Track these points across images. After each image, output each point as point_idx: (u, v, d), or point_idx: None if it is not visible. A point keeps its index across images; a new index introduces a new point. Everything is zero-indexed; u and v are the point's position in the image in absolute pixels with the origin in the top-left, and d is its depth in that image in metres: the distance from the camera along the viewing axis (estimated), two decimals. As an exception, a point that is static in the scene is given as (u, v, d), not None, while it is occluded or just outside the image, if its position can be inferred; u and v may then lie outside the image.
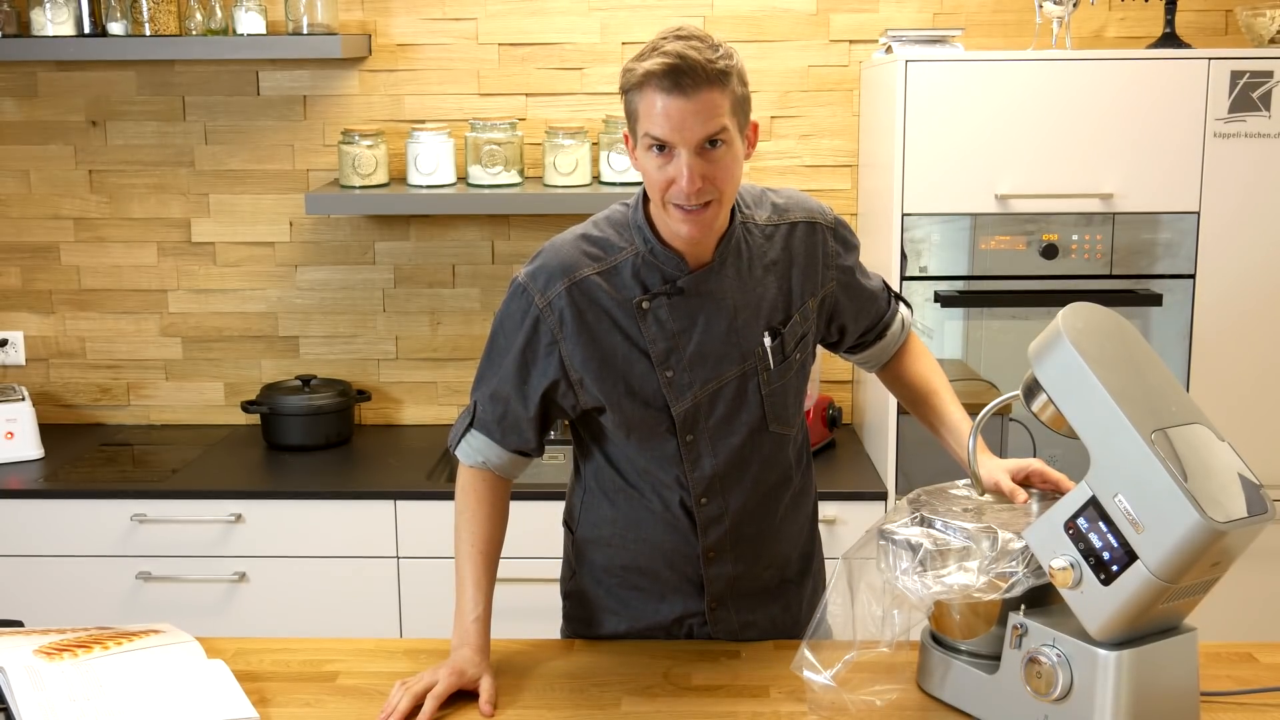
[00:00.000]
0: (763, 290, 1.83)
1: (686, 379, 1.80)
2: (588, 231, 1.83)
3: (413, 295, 3.49)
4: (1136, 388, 1.56)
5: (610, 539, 1.95)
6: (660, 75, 1.62)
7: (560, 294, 1.78)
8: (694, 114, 1.63)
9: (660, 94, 1.63)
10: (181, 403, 3.57)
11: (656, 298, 1.78)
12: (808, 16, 3.32)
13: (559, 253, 1.81)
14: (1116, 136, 2.86)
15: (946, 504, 1.77)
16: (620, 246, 1.80)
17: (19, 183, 3.47)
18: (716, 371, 1.81)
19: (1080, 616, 1.56)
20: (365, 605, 3.01)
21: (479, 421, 1.88)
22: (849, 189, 3.40)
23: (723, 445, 1.85)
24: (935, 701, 1.74)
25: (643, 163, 1.71)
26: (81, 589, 3.02)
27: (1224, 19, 3.29)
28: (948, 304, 2.94)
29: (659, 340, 1.79)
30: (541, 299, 1.79)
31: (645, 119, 1.66)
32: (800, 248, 1.86)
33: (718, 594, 1.93)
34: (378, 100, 3.40)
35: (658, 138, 1.65)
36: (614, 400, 1.81)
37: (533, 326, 1.81)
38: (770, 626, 1.98)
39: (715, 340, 1.80)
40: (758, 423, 1.85)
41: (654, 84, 1.63)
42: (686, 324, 1.79)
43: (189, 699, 1.71)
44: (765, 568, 1.95)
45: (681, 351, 1.80)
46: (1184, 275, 2.93)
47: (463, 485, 1.92)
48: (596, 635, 2.00)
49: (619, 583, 1.97)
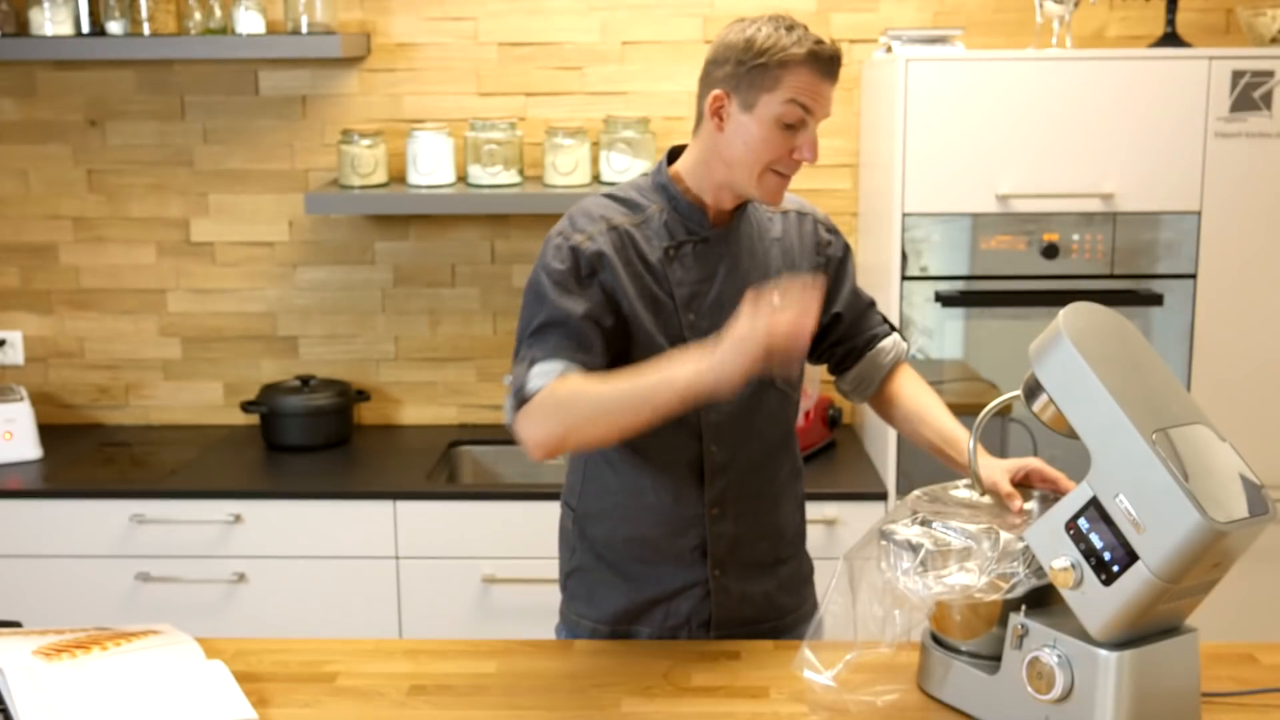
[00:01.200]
0: (770, 259, 1.97)
1: (706, 324, 1.90)
2: (612, 194, 1.95)
3: (412, 295, 3.49)
4: (1137, 388, 1.56)
5: (612, 510, 1.98)
6: (826, 59, 1.81)
7: (600, 232, 1.88)
8: (830, 99, 1.85)
9: (818, 74, 1.81)
10: (180, 403, 3.57)
11: (683, 245, 1.91)
12: (808, 16, 3.31)
13: (589, 208, 1.92)
14: (1117, 136, 2.85)
15: (947, 504, 1.77)
16: (645, 205, 1.93)
17: (18, 182, 3.47)
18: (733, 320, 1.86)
19: (1081, 617, 1.56)
20: (364, 606, 3.00)
21: (539, 358, 1.81)
22: (849, 189, 3.40)
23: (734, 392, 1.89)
24: (936, 702, 1.74)
25: (761, 133, 1.81)
26: (80, 589, 3.01)
27: (1225, 18, 3.28)
28: (948, 304, 2.94)
29: (684, 285, 1.90)
30: (582, 237, 1.88)
31: (794, 90, 1.80)
32: (795, 232, 2.02)
33: (720, 558, 1.97)
34: (377, 100, 3.40)
35: (808, 109, 1.81)
36: (641, 340, 1.88)
37: (574, 259, 1.86)
38: (766, 603, 2.02)
39: (734, 291, 1.90)
40: (765, 376, 1.94)
41: (815, 63, 1.80)
42: (709, 272, 1.92)
43: (188, 700, 1.71)
44: (762, 536, 2.00)
45: (703, 298, 1.91)
46: (1185, 275, 2.92)
47: (549, 408, 1.76)
48: (598, 614, 2.02)
49: (620, 556, 1.99)
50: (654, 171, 1.96)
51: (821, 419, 3.26)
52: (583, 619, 2.04)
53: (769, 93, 1.80)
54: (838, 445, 3.31)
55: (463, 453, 3.38)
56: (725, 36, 1.84)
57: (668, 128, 3.36)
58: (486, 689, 1.81)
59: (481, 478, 3.40)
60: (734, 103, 1.83)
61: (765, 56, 1.79)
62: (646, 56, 3.35)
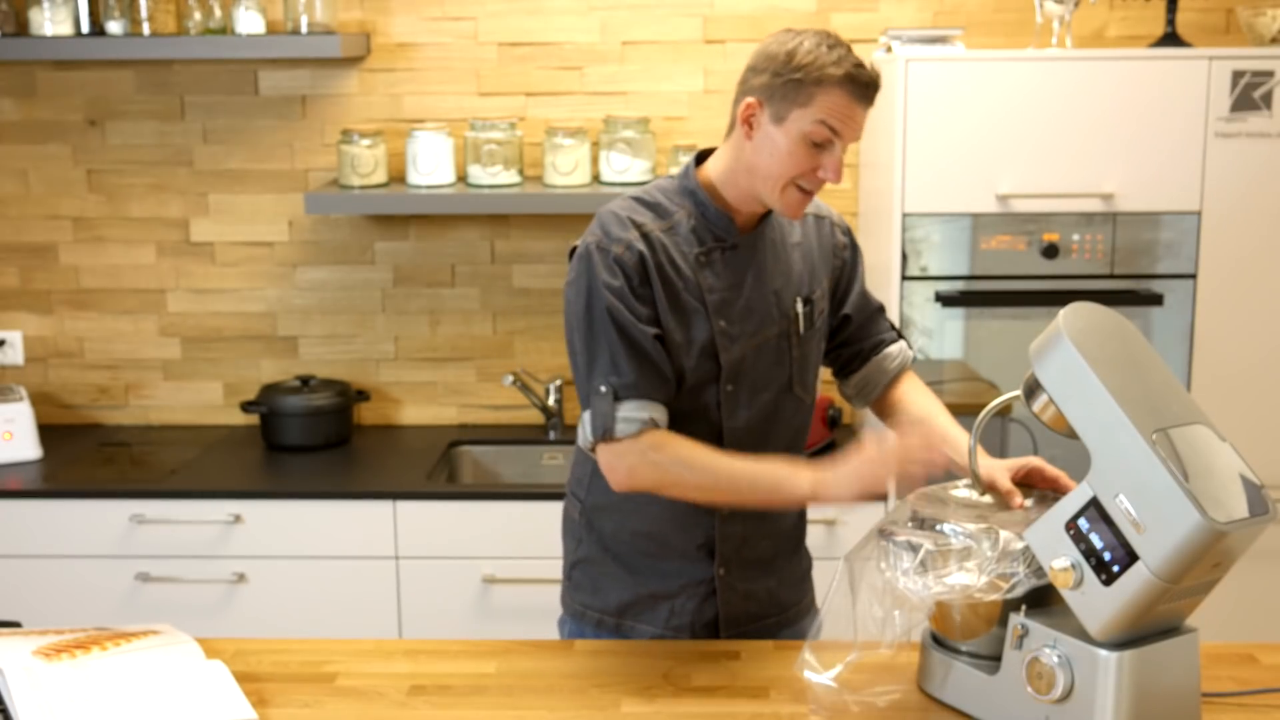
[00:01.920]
0: (792, 264, 1.98)
1: (736, 330, 1.91)
2: (639, 197, 1.93)
3: (412, 295, 3.49)
4: (1137, 388, 1.56)
5: (621, 503, 1.97)
6: (863, 84, 1.80)
7: (635, 239, 1.86)
8: (862, 123, 1.84)
9: (852, 97, 1.79)
10: (180, 403, 3.57)
11: (713, 251, 1.91)
12: (808, 16, 3.31)
13: (617, 215, 1.89)
14: (1117, 136, 2.85)
15: (947, 504, 1.77)
16: (673, 210, 1.91)
17: (17, 182, 3.47)
18: (761, 327, 1.93)
19: (1081, 617, 1.56)
20: (364, 606, 3.00)
21: (621, 393, 1.83)
22: (849, 189, 3.40)
23: (757, 399, 1.94)
24: (936, 703, 1.74)
25: (789, 148, 1.80)
26: (80, 590, 3.01)
27: (1225, 18, 3.28)
28: (948, 304, 2.94)
29: (715, 290, 1.90)
30: (618, 246, 1.85)
31: (826, 110, 1.78)
32: (814, 236, 2.03)
33: (727, 556, 1.98)
34: (377, 100, 3.40)
35: (836, 131, 1.80)
36: (674, 344, 1.87)
37: (621, 271, 1.84)
38: (768, 600, 2.04)
39: (761, 298, 1.93)
40: (786, 382, 1.97)
41: (850, 86, 1.79)
42: (738, 279, 1.92)
43: (187, 700, 1.71)
44: (766, 535, 2.01)
45: (733, 304, 1.91)
46: (1185, 275, 2.92)
47: (649, 459, 1.82)
48: (602, 606, 2.02)
49: (627, 549, 2.00)
50: (681, 175, 1.94)
51: (822, 419, 3.26)
52: (587, 609, 2.04)
53: (801, 108, 1.79)
54: (838, 445, 3.31)
55: (463, 453, 3.38)
56: (768, 45, 1.83)
57: (668, 128, 3.36)
58: (486, 689, 1.81)
59: (481, 478, 3.40)
60: (766, 113, 1.82)
61: (802, 72, 1.78)
62: (646, 56, 3.35)
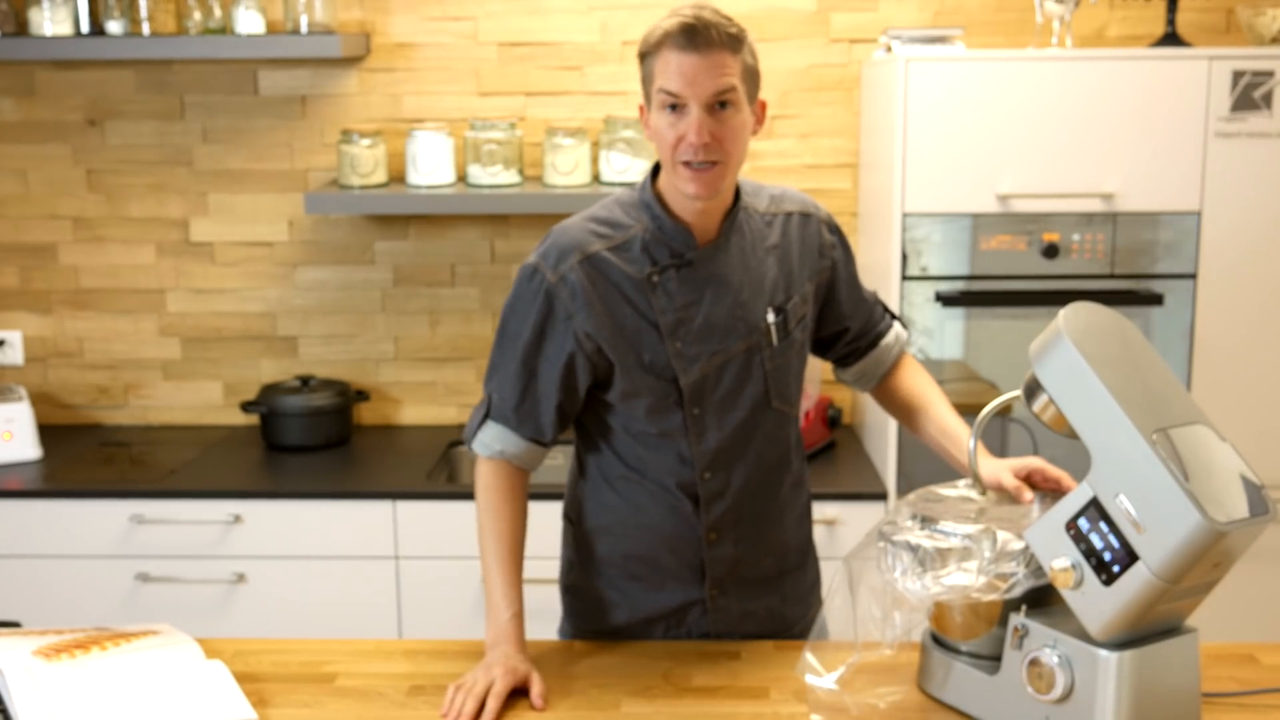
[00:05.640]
0: (764, 270, 1.89)
1: (694, 350, 1.85)
2: (595, 213, 1.89)
3: (412, 295, 3.49)
4: (1138, 388, 1.56)
5: (612, 526, 1.95)
6: (677, 33, 1.72)
7: (573, 267, 1.83)
8: (705, 70, 1.72)
9: (676, 51, 1.72)
10: (180, 403, 3.57)
11: (666, 270, 1.84)
12: (808, 16, 3.31)
13: (568, 232, 1.87)
14: (1117, 136, 2.85)
15: (947, 504, 1.77)
16: (628, 224, 1.86)
17: (17, 182, 3.47)
18: (723, 344, 1.86)
19: (1081, 617, 1.56)
20: (364, 606, 3.00)
21: (495, 411, 1.89)
22: (849, 189, 3.40)
23: (728, 419, 1.88)
24: (936, 703, 1.74)
25: (656, 125, 1.78)
26: (80, 590, 3.01)
27: (1225, 18, 3.28)
28: (948, 304, 2.94)
29: (668, 312, 1.84)
30: (554, 274, 1.83)
31: (660, 76, 1.75)
32: (796, 235, 1.94)
33: (719, 579, 1.94)
34: (377, 100, 3.40)
35: (672, 92, 1.74)
36: (625, 370, 1.84)
37: (546, 303, 1.84)
38: (768, 618, 1.99)
39: (722, 313, 1.85)
40: (761, 398, 1.90)
41: (670, 42, 1.73)
42: (695, 297, 1.85)
43: (187, 700, 1.71)
44: (765, 554, 1.97)
45: (690, 324, 1.84)
46: (1185, 275, 2.92)
47: (483, 483, 1.92)
48: (597, 628, 2.00)
49: (620, 573, 1.97)
50: (640, 186, 1.89)
51: (821, 419, 3.26)
52: (581, 633, 2.03)
53: (651, 84, 1.78)
54: (838, 445, 3.31)
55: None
56: None
57: (668, 128, 3.35)
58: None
59: (481, 478, 3.39)
60: (646, 104, 1.82)
61: (644, 46, 1.78)
62: (646, 56, 3.35)
